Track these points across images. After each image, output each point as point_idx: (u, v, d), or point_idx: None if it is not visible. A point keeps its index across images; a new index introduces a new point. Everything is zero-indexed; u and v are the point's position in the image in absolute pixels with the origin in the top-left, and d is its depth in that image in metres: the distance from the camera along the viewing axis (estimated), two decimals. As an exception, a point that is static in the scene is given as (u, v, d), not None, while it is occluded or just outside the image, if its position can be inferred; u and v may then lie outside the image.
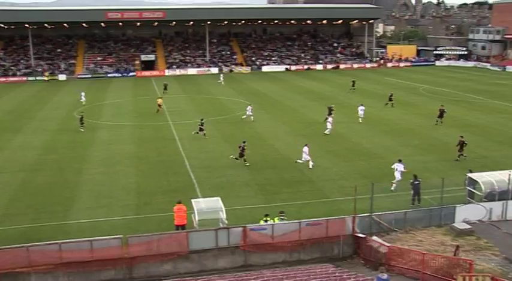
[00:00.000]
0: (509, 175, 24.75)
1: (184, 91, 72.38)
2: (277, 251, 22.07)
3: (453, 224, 23.76)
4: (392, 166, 30.23)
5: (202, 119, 43.89)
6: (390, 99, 57.41)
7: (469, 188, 26.08)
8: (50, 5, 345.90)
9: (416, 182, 26.78)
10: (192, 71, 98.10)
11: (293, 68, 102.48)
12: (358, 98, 61.97)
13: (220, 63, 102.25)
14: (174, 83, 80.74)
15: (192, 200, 23.99)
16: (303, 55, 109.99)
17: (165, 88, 70.71)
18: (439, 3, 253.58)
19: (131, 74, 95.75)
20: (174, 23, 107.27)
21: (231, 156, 35.97)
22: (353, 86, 70.15)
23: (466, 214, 24.31)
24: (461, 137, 36.33)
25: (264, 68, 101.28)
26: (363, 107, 49.94)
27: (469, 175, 26.51)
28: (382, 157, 36.69)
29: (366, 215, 23.34)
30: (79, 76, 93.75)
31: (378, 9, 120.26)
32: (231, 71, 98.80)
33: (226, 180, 31.80)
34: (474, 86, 73.88)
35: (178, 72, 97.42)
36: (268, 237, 21.89)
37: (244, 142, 35.56)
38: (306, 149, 34.49)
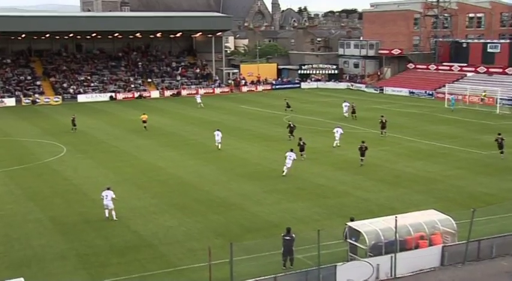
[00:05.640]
0: (396, 220, 26.43)
1: (-32, 132, 68.55)
2: None
3: (334, 287, 24.77)
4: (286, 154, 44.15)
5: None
6: (353, 112, 70.84)
7: (351, 241, 27.38)
8: None
9: (288, 238, 27.26)
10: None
11: (120, 96, 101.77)
12: (205, 132, 62.95)
13: (18, 92, 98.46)
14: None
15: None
16: (132, 79, 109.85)
17: (74, 124, 67.93)
18: (301, 11, 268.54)
19: None
20: None
21: None
22: (288, 106, 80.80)
23: (349, 273, 25.44)
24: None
25: (81, 98, 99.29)
26: (219, 133, 55.95)
27: (349, 224, 27.86)
28: (242, 207, 37.45)
29: (225, 286, 23.53)
30: None
31: (227, 19, 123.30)
32: (34, 102, 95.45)
33: (32, 253, 30.31)
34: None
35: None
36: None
37: None
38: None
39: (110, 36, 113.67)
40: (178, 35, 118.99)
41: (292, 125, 60.85)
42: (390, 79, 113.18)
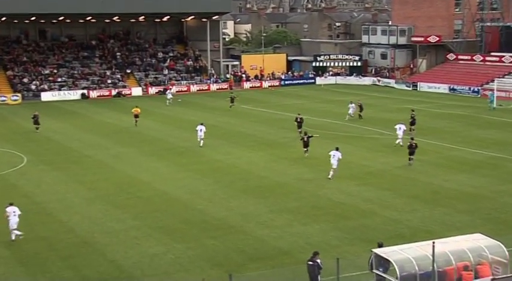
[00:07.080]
0: (433, 246, 26.29)
1: None
2: None
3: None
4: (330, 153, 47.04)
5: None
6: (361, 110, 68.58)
7: (378, 272, 27.29)
8: None
9: (310, 263, 27.22)
10: None
11: (94, 94, 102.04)
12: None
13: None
14: None
15: None
16: (108, 73, 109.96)
17: (36, 123, 69.65)
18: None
19: None
20: None
21: None
22: (232, 102, 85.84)
23: (375, 312, 25.42)
24: None
25: (45, 96, 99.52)
26: (202, 127, 59.70)
27: (376, 251, 27.76)
28: (244, 231, 37.40)
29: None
30: None
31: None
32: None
33: (-14, 286, 30.35)
34: (373, 113, 78.45)
35: None
36: None
37: None
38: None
39: (81, 20, 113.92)
40: (165, 19, 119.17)
41: (299, 120, 63.08)
42: (425, 73, 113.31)
